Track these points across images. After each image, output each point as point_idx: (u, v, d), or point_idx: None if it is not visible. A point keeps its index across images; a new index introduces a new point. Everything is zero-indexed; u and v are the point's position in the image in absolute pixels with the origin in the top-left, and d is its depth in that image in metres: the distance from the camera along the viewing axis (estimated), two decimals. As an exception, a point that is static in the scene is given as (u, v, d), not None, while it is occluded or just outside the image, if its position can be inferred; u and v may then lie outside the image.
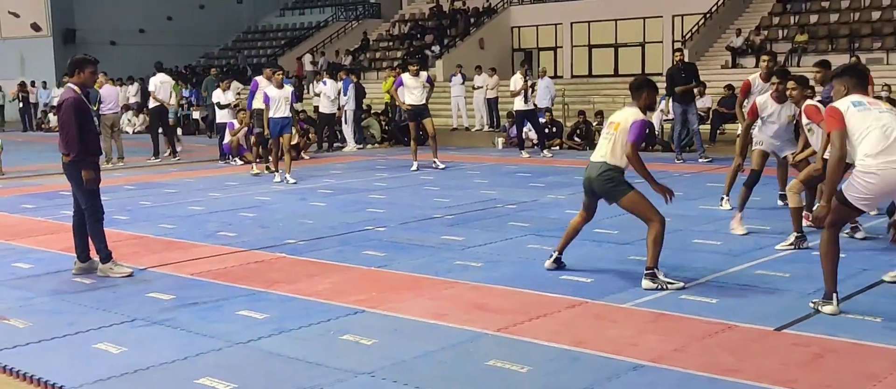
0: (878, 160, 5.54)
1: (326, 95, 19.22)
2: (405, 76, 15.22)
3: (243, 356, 5.30)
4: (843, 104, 5.80)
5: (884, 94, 17.06)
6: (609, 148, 6.76)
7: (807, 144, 8.38)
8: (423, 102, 14.99)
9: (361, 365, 5.01)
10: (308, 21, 42.37)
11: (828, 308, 5.72)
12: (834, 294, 5.74)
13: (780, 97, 8.60)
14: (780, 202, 9.67)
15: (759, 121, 8.83)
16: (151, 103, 19.01)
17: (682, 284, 6.49)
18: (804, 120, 8.11)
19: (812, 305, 5.84)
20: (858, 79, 6.03)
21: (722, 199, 9.90)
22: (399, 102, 15.75)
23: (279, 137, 13.87)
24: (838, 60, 22.38)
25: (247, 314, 6.14)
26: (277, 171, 13.97)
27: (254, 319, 6.03)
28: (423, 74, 15.51)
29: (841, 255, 5.88)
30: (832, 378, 4.64)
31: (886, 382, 4.55)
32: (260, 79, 15.22)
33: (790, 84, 8.33)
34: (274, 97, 13.67)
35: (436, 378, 4.80)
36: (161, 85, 18.83)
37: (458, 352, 5.24)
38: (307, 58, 33.72)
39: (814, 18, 27.00)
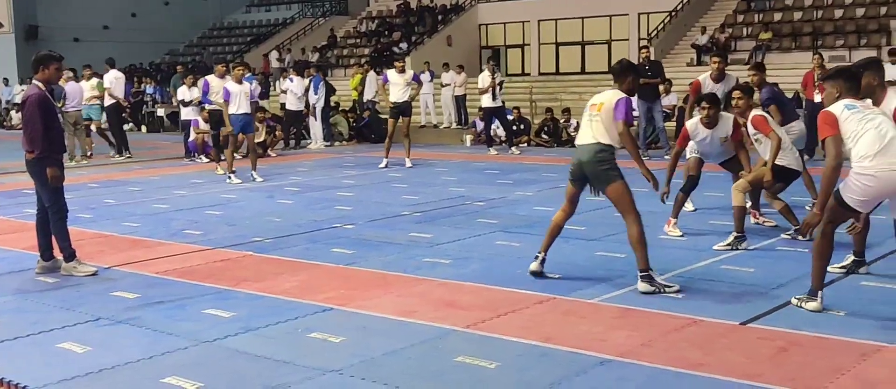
0: (876, 162, 5.46)
1: (293, 92, 19.13)
2: (390, 73, 15.21)
3: (209, 355, 5.25)
4: (837, 108, 5.66)
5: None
6: (596, 128, 6.53)
7: (748, 163, 8.29)
8: (406, 99, 14.98)
9: (330, 363, 4.98)
10: (274, 18, 42.12)
11: (812, 305, 5.71)
12: (820, 292, 5.72)
13: (711, 123, 8.29)
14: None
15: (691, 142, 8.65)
16: (108, 101, 18.59)
17: (678, 287, 6.32)
18: (751, 130, 8.08)
19: (795, 301, 5.84)
20: (851, 82, 5.83)
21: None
22: (383, 98, 15.71)
23: (239, 135, 13.74)
24: (802, 58, 22.72)
25: (213, 313, 6.08)
26: (233, 171, 13.55)
27: (220, 317, 5.98)
28: (409, 72, 15.50)
29: (805, 251, 5.94)
30: (797, 371, 4.69)
31: (850, 374, 4.61)
32: (211, 78, 15.01)
33: (735, 94, 8.33)
34: (234, 93, 13.56)
35: (405, 375, 4.79)
36: (115, 81, 18.50)
37: (426, 349, 5.23)
38: (274, 55, 33.51)
39: (778, 16, 27.30)
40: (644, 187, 7.05)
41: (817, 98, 13.76)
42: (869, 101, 5.90)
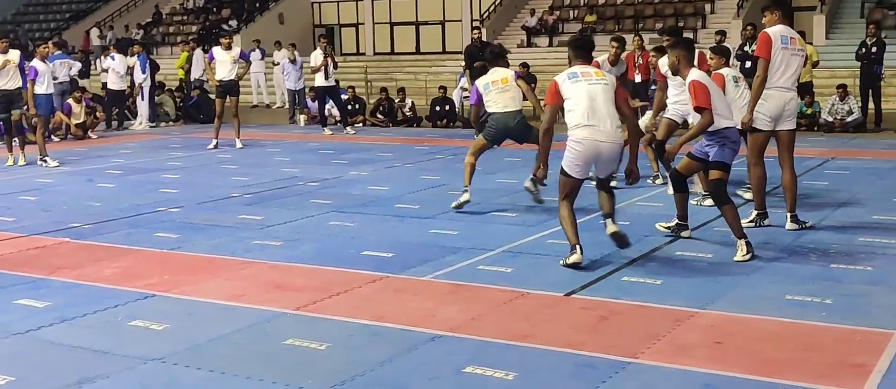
0: (584, 131, 6.30)
1: (115, 70, 18.24)
2: (216, 50, 14.71)
3: (22, 347, 4.96)
4: (561, 77, 6.47)
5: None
6: (514, 96, 8.63)
7: None
8: (234, 78, 14.54)
9: (152, 352, 4.79)
10: (95, -8, 40.00)
11: (573, 258, 6.33)
12: (577, 246, 6.35)
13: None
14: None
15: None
16: None
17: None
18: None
19: (561, 262, 6.40)
20: (581, 50, 6.65)
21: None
22: (210, 77, 15.20)
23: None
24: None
25: (26, 303, 5.74)
26: (22, 153, 12.80)
27: (34, 308, 5.65)
28: (236, 49, 15.05)
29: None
30: (617, 338, 4.88)
31: (666, 339, 4.84)
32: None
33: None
34: (41, 72, 12.75)
35: (231, 361, 4.66)
36: None
37: (254, 333, 5.11)
38: (95, 32, 31.86)
39: (602, 0, 28.33)
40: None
41: (638, 78, 14.36)
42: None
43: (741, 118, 7.34)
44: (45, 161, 12.67)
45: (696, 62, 7.13)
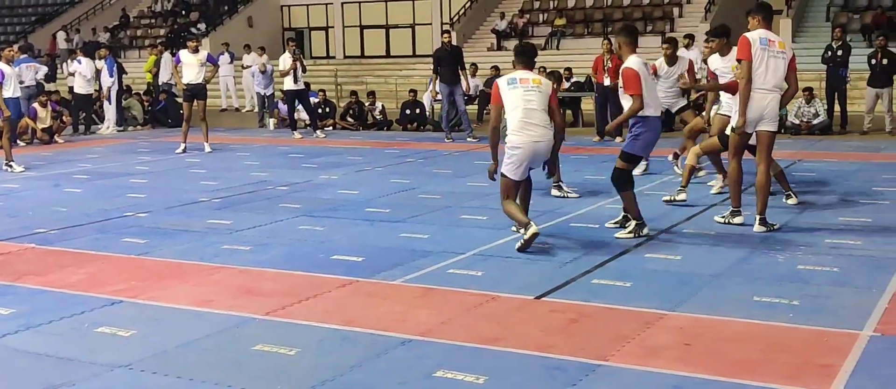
0: (519, 137, 6.90)
1: (82, 74, 18.03)
2: (184, 53, 14.59)
3: (-16, 356, 4.87)
4: (502, 81, 7.11)
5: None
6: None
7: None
8: (201, 81, 14.43)
9: (119, 358, 4.73)
10: (62, -5, 39.55)
11: (530, 232, 6.73)
12: (529, 223, 6.79)
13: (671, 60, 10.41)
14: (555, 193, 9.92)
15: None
16: None
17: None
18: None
19: (518, 246, 6.82)
20: (523, 56, 7.24)
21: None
22: (177, 81, 15.08)
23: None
24: (593, 44, 23.79)
25: (-11, 311, 5.64)
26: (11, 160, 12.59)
27: (-3, 315, 5.56)
28: (204, 52, 14.94)
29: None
30: (586, 340, 4.90)
31: (635, 342, 4.86)
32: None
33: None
34: (7, 75, 12.59)
35: (199, 367, 4.61)
36: None
37: (223, 339, 5.07)
38: (61, 35, 31.52)
39: (571, 3, 28.46)
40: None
41: (607, 82, 14.44)
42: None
43: (736, 122, 7.40)
44: (11, 166, 12.50)
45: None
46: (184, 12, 33.29)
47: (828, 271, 6.27)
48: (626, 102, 7.27)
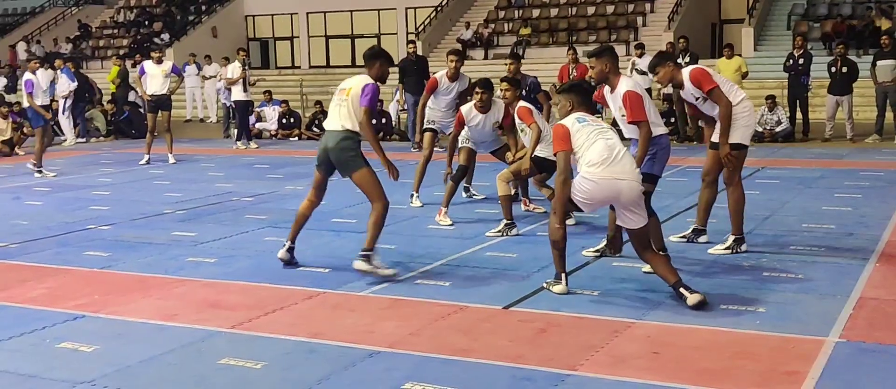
0: (600, 170, 5.70)
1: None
2: (147, 64, 14.44)
3: (-59, 374, 4.75)
4: (570, 121, 5.93)
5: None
6: (343, 114, 6.63)
7: (517, 145, 8.64)
8: (165, 92, 14.28)
9: (81, 374, 4.64)
10: (22, 6, 39.00)
11: (557, 288, 5.96)
12: (563, 275, 5.98)
13: (485, 108, 8.63)
14: (464, 195, 9.90)
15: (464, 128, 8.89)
16: None
17: (393, 271, 6.49)
18: (517, 121, 8.40)
19: (545, 285, 6.07)
20: (584, 96, 6.16)
21: (411, 196, 9.74)
22: (141, 92, 14.91)
23: None
24: (559, 53, 23.91)
25: (-54, 328, 5.51)
26: None
27: (-45, 332, 5.43)
28: (168, 63, 14.77)
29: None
30: (555, 350, 4.89)
31: (604, 351, 4.86)
32: None
33: (503, 85, 8.60)
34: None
35: (163, 382, 4.54)
36: None
37: (188, 353, 4.99)
38: (21, 46, 31.10)
39: (536, 13, 28.60)
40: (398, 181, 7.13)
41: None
42: (596, 117, 6.22)
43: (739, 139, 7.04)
44: None
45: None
46: (147, 22, 32.99)
47: (793, 278, 6.32)
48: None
